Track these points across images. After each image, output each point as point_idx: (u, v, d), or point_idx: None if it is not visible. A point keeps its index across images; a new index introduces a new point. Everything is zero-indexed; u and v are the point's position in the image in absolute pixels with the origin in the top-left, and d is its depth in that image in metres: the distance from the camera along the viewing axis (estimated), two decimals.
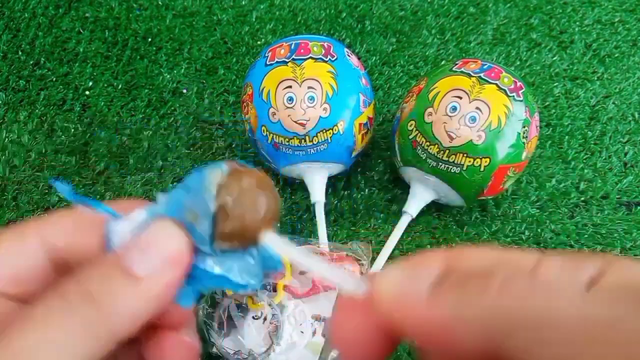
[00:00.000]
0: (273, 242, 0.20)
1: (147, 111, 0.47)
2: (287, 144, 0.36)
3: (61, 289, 0.16)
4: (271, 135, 0.36)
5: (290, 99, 0.35)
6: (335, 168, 0.39)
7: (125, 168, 0.44)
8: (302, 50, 0.36)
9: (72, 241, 0.19)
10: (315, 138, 0.36)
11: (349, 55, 0.38)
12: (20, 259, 0.19)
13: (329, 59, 0.36)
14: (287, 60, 0.36)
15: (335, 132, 0.36)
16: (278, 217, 0.20)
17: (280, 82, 0.36)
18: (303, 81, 0.35)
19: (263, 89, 0.36)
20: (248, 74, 0.39)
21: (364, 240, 0.40)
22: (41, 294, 0.16)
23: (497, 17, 0.55)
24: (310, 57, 0.36)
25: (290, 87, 0.35)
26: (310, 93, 0.35)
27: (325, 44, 0.37)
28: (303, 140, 0.36)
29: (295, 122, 0.35)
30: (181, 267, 0.17)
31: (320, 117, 0.35)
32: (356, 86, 0.37)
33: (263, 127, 0.37)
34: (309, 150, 0.36)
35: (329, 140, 0.36)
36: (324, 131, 0.36)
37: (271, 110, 0.36)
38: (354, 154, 0.39)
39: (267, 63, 0.37)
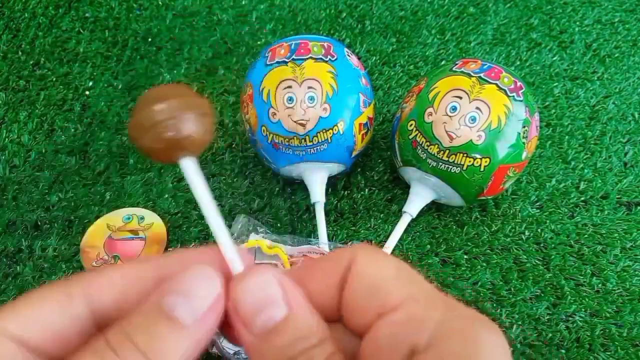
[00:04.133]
0: (188, 169, 0.20)
1: None
2: (287, 144, 0.36)
3: (108, 340, 0.16)
4: (271, 135, 0.36)
5: (291, 99, 0.35)
6: (336, 168, 0.39)
7: (125, 168, 0.44)
8: (302, 50, 0.36)
9: (120, 298, 0.19)
10: (315, 138, 0.36)
11: (349, 55, 0.38)
12: (66, 319, 0.18)
13: (329, 59, 0.36)
14: (287, 60, 0.36)
15: (335, 132, 0.36)
16: (202, 144, 0.20)
17: (280, 82, 0.36)
18: (303, 81, 0.35)
19: (263, 89, 0.36)
20: (248, 74, 0.39)
21: (364, 241, 0.40)
22: (87, 343, 0.16)
23: (497, 17, 0.55)
24: (311, 57, 0.36)
25: (290, 87, 0.35)
26: (310, 93, 0.35)
27: (326, 44, 0.37)
28: (303, 140, 0.36)
29: (296, 122, 0.35)
30: (220, 311, 0.17)
31: (320, 117, 0.35)
32: (356, 86, 0.37)
33: (263, 127, 0.37)
34: (309, 150, 0.36)
35: (329, 141, 0.36)
36: (324, 131, 0.36)
37: (271, 110, 0.36)
38: (354, 154, 0.38)
39: (267, 63, 0.37)
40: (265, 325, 0.15)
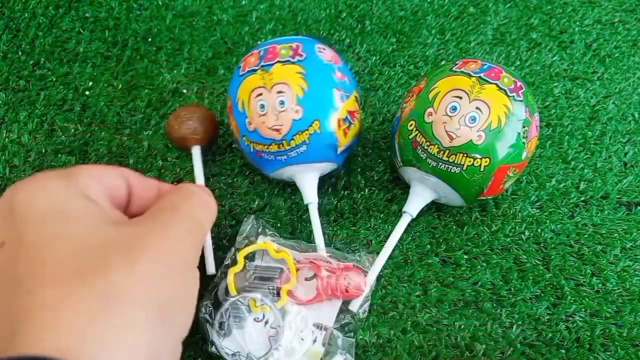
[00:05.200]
0: (195, 154, 0.41)
1: (147, 111, 0.47)
2: (267, 150, 0.36)
3: (177, 210, 0.27)
4: (252, 144, 0.36)
5: (262, 107, 0.35)
6: (325, 167, 0.39)
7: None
8: (270, 56, 0.36)
9: (140, 185, 0.30)
10: (292, 141, 0.35)
11: (320, 52, 0.37)
12: (120, 185, 0.28)
13: (297, 59, 0.36)
14: (256, 68, 0.36)
15: (312, 132, 0.36)
16: (204, 137, 0.41)
17: (252, 91, 0.35)
18: (272, 86, 0.35)
19: (238, 100, 0.36)
20: (228, 86, 0.39)
21: (364, 240, 0.40)
22: (165, 210, 0.27)
23: (497, 17, 0.55)
24: (278, 61, 0.35)
25: (261, 94, 0.35)
26: (280, 97, 0.35)
27: (294, 45, 0.37)
28: (281, 145, 0.36)
29: (270, 128, 0.35)
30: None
31: (293, 119, 0.35)
32: (329, 82, 0.36)
33: (244, 137, 0.37)
34: (289, 154, 0.36)
35: (307, 142, 0.36)
36: (300, 133, 0.35)
37: (247, 120, 0.36)
38: (339, 150, 0.38)
39: (240, 74, 0.37)
40: None
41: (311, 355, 0.34)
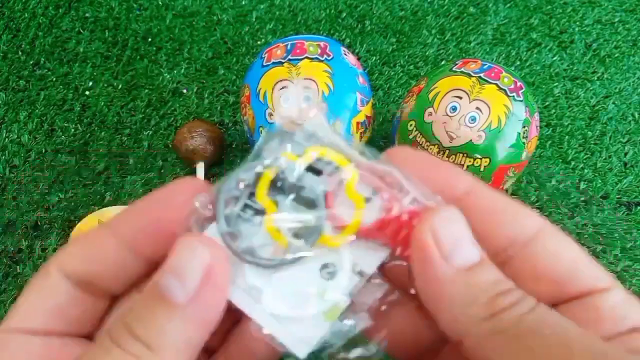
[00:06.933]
0: (199, 170, 0.41)
1: (147, 111, 0.47)
2: None
3: (112, 336, 0.16)
4: None
5: (286, 99, 0.35)
6: None
7: (125, 168, 0.44)
8: (298, 51, 0.36)
9: (88, 266, 0.18)
10: None
11: (345, 54, 0.38)
12: (49, 294, 0.17)
13: (325, 58, 0.36)
14: (283, 61, 0.36)
15: None
16: (208, 155, 0.41)
17: (276, 83, 0.35)
18: (299, 81, 0.35)
19: (260, 90, 0.36)
20: (246, 76, 0.39)
21: None
22: (95, 341, 0.16)
23: (497, 17, 0.55)
24: (306, 57, 0.36)
25: (286, 87, 0.35)
26: (306, 93, 0.35)
27: (322, 44, 0.37)
28: None
29: (292, 122, 0.35)
30: (220, 279, 0.16)
31: None
32: (353, 85, 0.37)
33: (261, 128, 0.37)
34: None
35: None
36: None
37: (268, 111, 0.36)
38: None
39: (264, 64, 0.37)
40: (466, 261, 0.15)
41: (330, 312, 0.19)
